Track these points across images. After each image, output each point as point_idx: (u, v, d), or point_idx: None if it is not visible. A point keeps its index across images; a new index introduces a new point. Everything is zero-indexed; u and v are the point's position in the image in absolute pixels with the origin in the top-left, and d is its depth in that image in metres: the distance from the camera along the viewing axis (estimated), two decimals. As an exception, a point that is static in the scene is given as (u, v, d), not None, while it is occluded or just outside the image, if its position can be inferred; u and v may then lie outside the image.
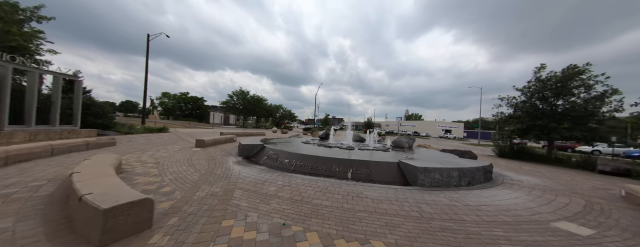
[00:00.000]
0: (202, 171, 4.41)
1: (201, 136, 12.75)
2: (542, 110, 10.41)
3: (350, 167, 4.58)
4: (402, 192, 3.51)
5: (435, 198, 3.28)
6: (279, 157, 5.51)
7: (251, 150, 6.51)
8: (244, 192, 3.23)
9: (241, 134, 14.45)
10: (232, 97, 37.43)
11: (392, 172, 4.46)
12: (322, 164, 4.82)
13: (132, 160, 5.06)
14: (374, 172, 4.44)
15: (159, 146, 7.77)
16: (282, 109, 47.73)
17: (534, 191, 4.07)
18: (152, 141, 8.95)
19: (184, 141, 9.71)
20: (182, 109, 40.07)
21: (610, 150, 18.46)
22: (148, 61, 15.65)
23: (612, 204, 3.52)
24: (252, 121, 54.60)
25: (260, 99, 38.71)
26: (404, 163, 4.47)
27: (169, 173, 4.08)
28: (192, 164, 5.02)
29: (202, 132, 16.47)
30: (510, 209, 2.97)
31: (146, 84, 15.65)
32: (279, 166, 5.18)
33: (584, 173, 7.61)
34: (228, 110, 38.86)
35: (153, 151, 6.59)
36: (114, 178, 2.68)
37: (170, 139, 10.42)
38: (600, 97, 9.07)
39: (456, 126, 57.75)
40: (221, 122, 49.55)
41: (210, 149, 7.70)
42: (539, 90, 10.55)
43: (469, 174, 4.31)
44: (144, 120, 15.93)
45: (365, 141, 10.31)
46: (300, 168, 4.87)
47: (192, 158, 5.71)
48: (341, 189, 3.52)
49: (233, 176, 4.06)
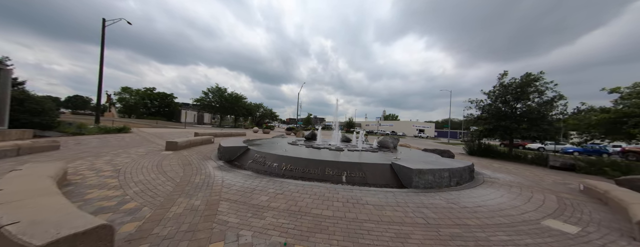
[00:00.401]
0: (177, 179, 3.80)
1: (172, 136, 11.44)
2: (504, 113, 11.64)
3: (344, 171, 4.39)
4: (400, 195, 3.43)
5: (432, 201, 3.27)
6: (267, 160, 5.08)
7: (234, 153, 5.93)
8: (231, 204, 2.80)
9: (219, 135, 13.38)
10: (208, 94, 34.78)
11: (385, 175, 4.40)
12: (314, 167, 4.55)
13: (82, 168, 4.15)
14: (368, 175, 4.32)
15: (118, 149, 6.66)
16: (262, 107, 45.98)
17: (512, 189, 4.37)
18: (109, 144, 7.66)
19: (150, 143, 8.53)
20: (147, 106, 35.80)
21: (552, 147, 21.81)
22: (104, 50, 13.52)
23: (577, 198, 3.93)
24: (229, 120, 51.55)
25: (239, 96, 36.68)
26: (397, 165, 4.44)
27: (133, 184, 3.40)
28: (164, 171, 4.32)
29: (173, 132, 14.85)
30: (502, 209, 3.08)
31: (101, 76, 13.51)
32: (267, 170, 4.76)
33: (539, 169, 8.63)
34: (203, 109, 35.98)
35: (111, 155, 5.58)
36: (54, 197, 2.05)
37: (134, 140, 9.08)
38: (550, 101, 10.46)
39: (428, 125, 62.50)
40: (194, 121, 45.72)
41: (184, 152, 6.85)
42: (502, 95, 11.78)
43: (457, 174, 4.46)
44: (99, 118, 13.74)
45: (351, 141, 10.32)
46: (291, 172, 4.53)
47: (162, 163, 4.95)
48: (339, 195, 3.30)
49: (216, 184, 3.56)
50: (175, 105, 39.77)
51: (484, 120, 12.03)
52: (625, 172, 6.81)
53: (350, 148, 7.51)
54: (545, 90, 10.67)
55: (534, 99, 10.89)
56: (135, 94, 33.23)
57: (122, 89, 31.69)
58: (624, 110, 7.63)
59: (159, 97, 36.67)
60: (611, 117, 7.92)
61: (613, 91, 8.53)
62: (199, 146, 8.47)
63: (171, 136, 12.10)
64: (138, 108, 33.33)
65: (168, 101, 37.93)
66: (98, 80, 13.44)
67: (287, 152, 5.76)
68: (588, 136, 8.93)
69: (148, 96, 35.23)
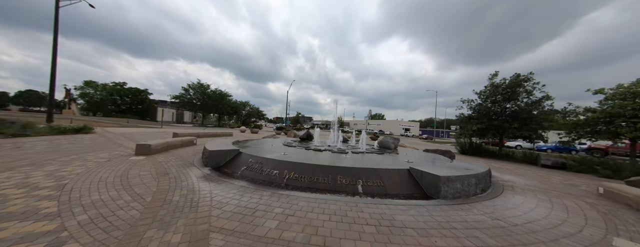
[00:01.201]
0: (148, 197, 2.86)
1: (145, 137, 9.96)
2: (494, 112, 11.90)
3: (359, 178, 3.75)
4: (435, 211, 2.86)
5: (475, 217, 2.74)
6: (265, 166, 4.26)
7: (222, 157, 5.00)
8: (226, 236, 2.00)
9: (203, 135, 12.05)
10: (188, 91, 32.15)
11: (405, 182, 3.83)
12: (323, 174, 3.84)
13: (8, 184, 3.01)
14: (387, 184, 3.72)
15: (72, 154, 5.35)
16: (249, 106, 43.90)
17: (538, 195, 4.06)
18: (61, 148, 6.23)
19: (117, 146, 7.17)
20: (116, 103, 32.11)
21: (529, 145, 23.40)
22: (57, 35, 11.43)
23: (607, 205, 3.69)
24: (213, 119, 48.55)
25: (224, 94, 34.47)
26: (418, 171, 3.90)
27: (80, 208, 2.43)
28: (130, 185, 3.32)
29: (147, 132, 13.13)
30: (554, 225, 2.64)
31: (54, 66, 11.42)
32: (266, 179, 3.95)
33: (532, 168, 8.77)
34: (182, 106, 33.23)
35: (59, 163, 4.35)
36: None
37: (95, 143, 7.61)
38: (538, 102, 10.82)
39: (413, 125, 64.74)
40: (172, 120, 42.32)
41: (160, 157, 5.73)
42: (493, 95, 12.03)
43: (482, 180, 4.05)
44: (52, 116, 11.64)
45: (349, 142, 9.75)
46: (296, 182, 3.78)
47: (129, 174, 3.89)
48: (365, 214, 2.64)
49: (203, 204, 2.70)
50: (150, 102, 36.29)
51: (476, 120, 12.20)
52: (615, 171, 7.07)
53: (352, 150, 6.91)
54: (533, 90, 11.03)
55: (523, 99, 11.22)
56: (102, 89, 29.55)
57: (84, 83, 27.89)
58: (609, 110, 7.98)
59: (131, 93, 33.10)
60: (598, 117, 8.27)
61: (598, 92, 8.95)
62: (179, 149, 7.30)
63: (144, 136, 10.57)
64: (105, 105, 29.70)
65: (141, 98, 34.43)
66: (51, 71, 11.33)
67: (287, 156, 4.97)
68: (575, 135, 9.30)
69: (117, 92, 31.57)
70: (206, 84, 32.99)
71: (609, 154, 18.28)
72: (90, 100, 27.60)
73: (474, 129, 11.66)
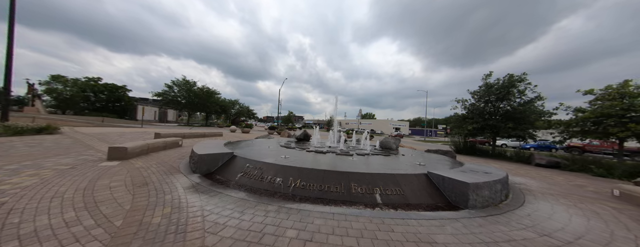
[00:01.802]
0: (117, 219, 2.20)
1: (122, 139, 8.88)
2: (488, 112, 12.06)
3: (376, 186, 3.29)
4: (473, 227, 2.47)
5: (520, 233, 2.38)
6: (265, 173, 3.69)
7: (214, 162, 4.35)
8: (229, 282, 1.44)
9: (189, 135, 11.07)
10: (172, 88, 30.18)
11: (426, 189, 3.43)
12: (335, 181, 3.34)
13: None
14: (407, 191, 3.30)
15: (25, 160, 4.42)
16: (238, 104, 42.27)
17: (560, 200, 3.85)
18: (11, 152, 5.21)
19: (86, 149, 6.19)
20: (90, 100, 29.36)
21: (514, 144, 24.49)
22: (13, 20, 9.92)
23: (629, 209, 3.54)
24: (199, 118, 46.27)
25: (212, 91, 32.78)
26: (438, 176, 3.51)
27: (15, 242, 1.74)
28: (95, 201, 2.62)
29: (125, 132, 11.86)
30: (607, 242, 2.34)
31: (10, 56, 9.91)
32: (268, 188, 3.39)
33: (528, 167, 8.86)
34: (166, 104, 31.14)
35: (5, 173, 3.48)
36: None
37: (59, 145, 6.55)
38: (531, 102, 11.06)
39: (403, 124, 66.16)
40: (155, 118, 39.74)
41: (139, 162, 4.93)
42: (487, 94, 12.18)
43: (505, 186, 3.76)
44: (7, 114, 10.12)
45: (347, 142, 9.34)
46: (304, 191, 3.25)
47: (96, 186, 3.15)
48: (397, 235, 2.17)
49: (192, 227, 2.09)
50: (129, 99, 33.65)
51: (471, 120, 12.30)
52: (608, 170, 7.26)
53: (356, 151, 6.48)
54: (525, 89, 11.26)
55: (516, 99, 11.44)
56: (73, 84, 26.79)
57: (51, 77, 25.04)
58: (600, 110, 8.22)
59: (107, 90, 30.42)
60: (588, 117, 8.50)
61: (587, 93, 9.24)
62: (161, 152, 6.46)
63: (121, 137, 9.46)
64: (77, 102, 27.01)
65: (119, 95, 31.79)
66: (6, 62, 9.81)
67: (289, 159, 4.43)
68: (567, 134, 9.56)
69: (91, 88, 28.86)
70: (192, 80, 31.17)
71: (585, 151, 19.49)
72: (58, 97, 24.88)
73: (469, 128, 11.74)
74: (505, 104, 11.65)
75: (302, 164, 4.02)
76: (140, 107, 28.64)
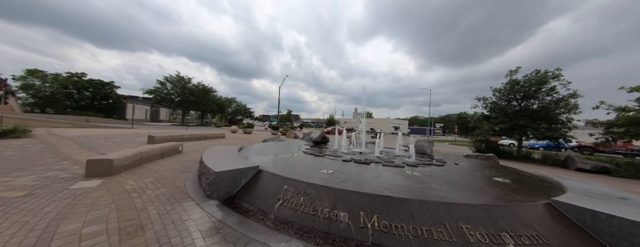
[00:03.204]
0: None
1: (107, 143, 7.40)
2: (514, 111, 11.24)
3: (501, 228, 2.18)
4: None
5: None
6: (315, 200, 2.55)
7: (236, 180, 3.17)
8: None
9: (188, 138, 9.69)
10: (165, 85, 28.21)
11: (561, 230, 2.34)
12: (430, 218, 2.22)
13: None
14: (545, 234, 2.20)
15: (-42, 184, 3.05)
16: (235, 103, 40.46)
17: None
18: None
19: (58, 160, 4.80)
20: (73, 97, 27.02)
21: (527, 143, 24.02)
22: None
23: None
24: (193, 117, 44.19)
25: (208, 89, 30.96)
26: (583, 210, 2.39)
27: None
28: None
29: (111, 135, 10.31)
30: None
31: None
32: (327, 228, 2.23)
33: (567, 172, 8.04)
34: (158, 103, 29.13)
35: None
36: None
37: (24, 155, 5.11)
38: (562, 99, 10.23)
39: (402, 123, 65.62)
40: (146, 118, 37.49)
41: (129, 180, 3.65)
42: (512, 92, 11.34)
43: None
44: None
45: (375, 146, 8.22)
46: (391, 238, 2.10)
47: (60, 233, 1.88)
48: None
49: None
50: (117, 97, 31.37)
51: (495, 119, 11.46)
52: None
53: (396, 158, 5.38)
54: (555, 87, 10.46)
55: (546, 97, 10.64)
56: (52, 80, 24.44)
57: (27, 71, 22.62)
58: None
59: (92, 86, 28.10)
60: (636, 117, 7.74)
61: (633, 90, 8.49)
62: (158, 162, 5.15)
63: (106, 142, 7.98)
64: (59, 100, 24.70)
65: (106, 92, 29.50)
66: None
67: (338, 176, 3.28)
68: (609, 136, 8.81)
69: (74, 84, 26.53)
70: (187, 77, 29.24)
71: (596, 151, 19.20)
72: (36, 94, 22.57)
73: (496, 129, 10.89)
74: (532, 102, 10.84)
75: (361, 184, 2.88)
76: (130, 106, 26.71)
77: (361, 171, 3.93)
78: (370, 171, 3.97)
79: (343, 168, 4.00)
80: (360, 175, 3.57)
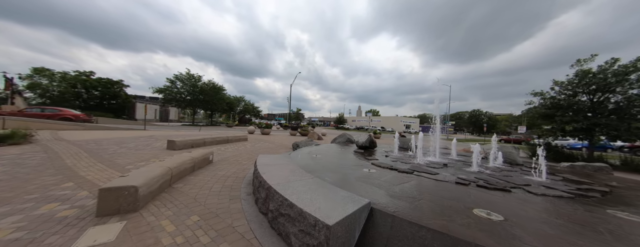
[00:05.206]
0: None
1: (121, 150, 5.97)
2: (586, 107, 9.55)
3: None
4: None
5: None
6: None
7: (350, 235, 1.76)
8: None
9: (210, 142, 8.41)
10: (175, 83, 27.20)
11: None
12: None
13: None
14: None
15: None
16: (244, 101, 39.38)
17: None
18: None
19: (60, 180, 3.44)
20: (81, 97, 26.29)
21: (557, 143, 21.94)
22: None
23: None
24: (201, 116, 43.39)
25: (219, 87, 29.87)
26: None
27: None
28: None
29: (125, 138, 9.11)
30: None
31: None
32: None
33: None
34: (168, 102, 28.17)
35: None
36: None
37: (18, 171, 3.80)
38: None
39: (413, 121, 63.36)
40: (155, 117, 36.78)
41: (164, 221, 2.28)
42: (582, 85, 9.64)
43: None
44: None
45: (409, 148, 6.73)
46: None
47: None
48: None
49: None
50: (126, 96, 30.58)
51: (563, 117, 9.76)
52: None
53: (494, 172, 3.92)
54: None
55: (631, 90, 8.92)
56: (62, 79, 23.65)
57: (33, 70, 21.84)
58: None
59: (101, 85, 27.30)
60: None
61: None
62: (189, 180, 3.81)
63: (120, 148, 6.67)
64: (68, 100, 23.97)
65: (116, 91, 28.71)
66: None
67: (513, 224, 1.83)
68: None
69: (82, 83, 25.76)
70: (197, 75, 28.15)
71: (650, 151, 17.23)
72: (44, 94, 21.79)
73: (568, 129, 9.26)
74: (613, 97, 9.11)
75: None
76: (141, 105, 25.76)
77: (507, 203, 2.50)
78: (527, 205, 2.54)
79: (476, 198, 2.58)
80: (526, 215, 2.13)
